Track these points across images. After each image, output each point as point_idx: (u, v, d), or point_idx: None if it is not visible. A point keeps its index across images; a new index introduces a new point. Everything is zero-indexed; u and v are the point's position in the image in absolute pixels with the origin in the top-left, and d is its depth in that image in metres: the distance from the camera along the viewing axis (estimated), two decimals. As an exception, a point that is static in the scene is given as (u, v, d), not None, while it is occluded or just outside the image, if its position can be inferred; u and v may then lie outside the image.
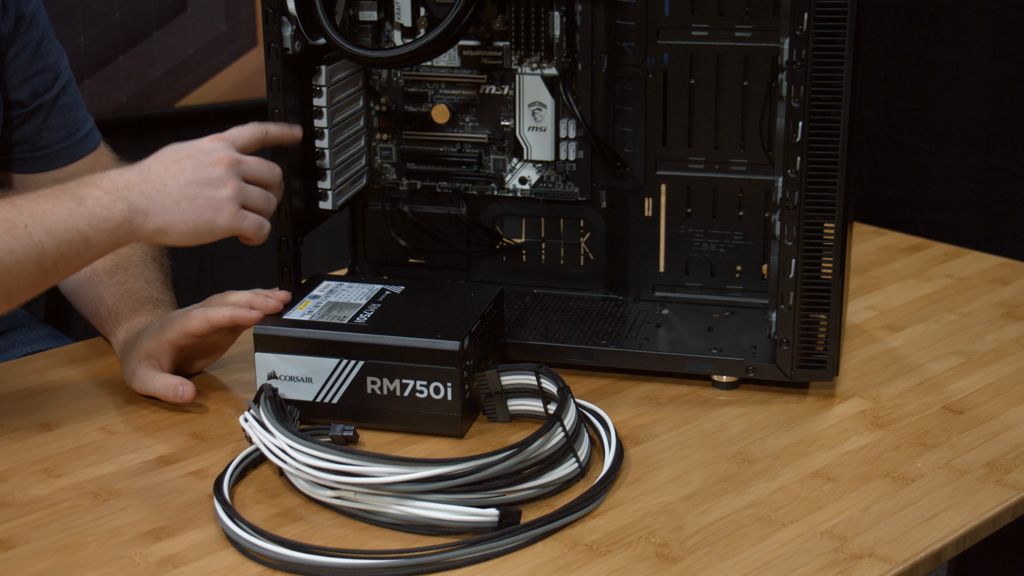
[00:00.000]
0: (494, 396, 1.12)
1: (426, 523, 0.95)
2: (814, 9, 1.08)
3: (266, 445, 1.01)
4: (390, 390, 1.09)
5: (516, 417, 1.13)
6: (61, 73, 1.34)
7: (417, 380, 1.09)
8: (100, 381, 1.22)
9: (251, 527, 0.93)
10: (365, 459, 0.95)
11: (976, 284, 1.45)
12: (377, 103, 1.34)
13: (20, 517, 0.99)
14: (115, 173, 1.09)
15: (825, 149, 1.11)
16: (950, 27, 2.53)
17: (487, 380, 1.11)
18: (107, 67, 2.27)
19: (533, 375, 1.10)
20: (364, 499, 0.96)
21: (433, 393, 1.08)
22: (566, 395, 1.05)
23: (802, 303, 1.15)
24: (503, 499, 0.97)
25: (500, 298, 1.19)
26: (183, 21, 2.33)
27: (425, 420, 1.09)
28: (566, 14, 1.26)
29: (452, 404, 1.09)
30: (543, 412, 1.11)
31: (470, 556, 0.92)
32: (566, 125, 1.29)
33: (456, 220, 1.36)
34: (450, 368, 1.08)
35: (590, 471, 1.04)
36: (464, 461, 0.95)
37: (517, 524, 0.94)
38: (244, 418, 1.05)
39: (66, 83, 1.34)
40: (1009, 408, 1.16)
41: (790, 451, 1.08)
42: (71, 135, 1.34)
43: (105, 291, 1.28)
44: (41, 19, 1.32)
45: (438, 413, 1.09)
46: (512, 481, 0.97)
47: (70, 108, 1.34)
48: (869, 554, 0.93)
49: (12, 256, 1.04)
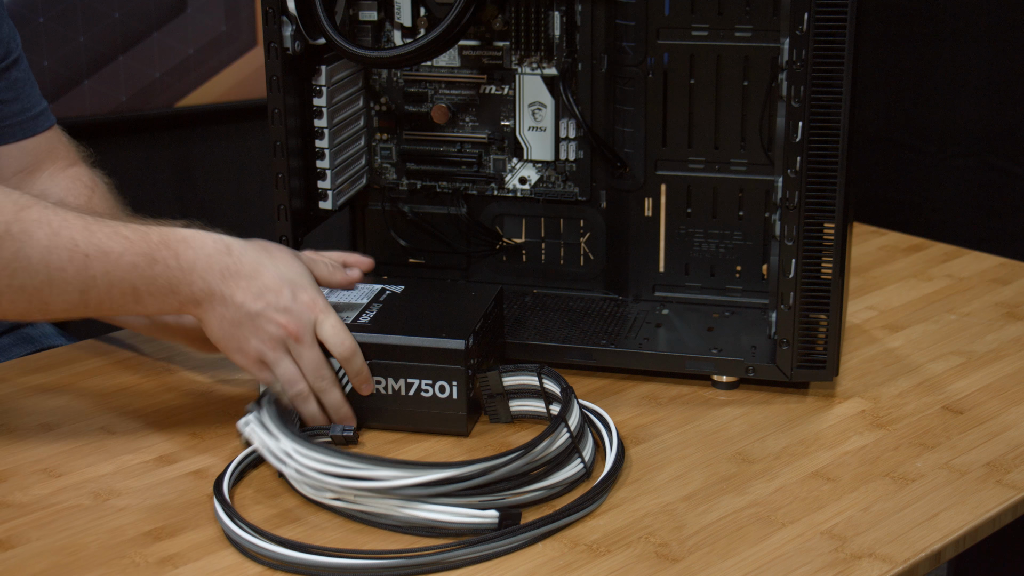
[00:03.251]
0: (496, 397, 1.12)
1: (426, 524, 0.95)
2: (814, 9, 1.08)
3: (269, 449, 1.00)
4: (395, 389, 1.09)
5: (516, 418, 1.13)
6: (13, 49, 1.32)
7: (422, 379, 1.09)
8: (100, 381, 1.22)
9: (251, 527, 0.93)
10: (371, 463, 0.95)
11: (976, 284, 1.45)
12: (377, 103, 1.34)
13: (20, 517, 0.99)
14: (199, 244, 1.04)
15: (825, 149, 1.11)
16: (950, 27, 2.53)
17: (489, 381, 1.11)
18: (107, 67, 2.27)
19: (535, 376, 1.10)
20: (364, 501, 0.96)
21: (438, 392, 1.08)
22: (570, 396, 1.05)
23: (802, 303, 1.15)
24: (509, 501, 0.96)
25: (500, 297, 1.19)
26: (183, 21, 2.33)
27: (430, 419, 1.09)
28: (566, 14, 1.26)
29: (457, 403, 1.09)
30: (545, 413, 1.11)
31: (471, 556, 0.92)
32: (566, 125, 1.29)
33: (456, 220, 1.36)
34: (455, 367, 1.08)
35: (595, 472, 1.04)
36: (471, 464, 0.95)
37: (517, 525, 0.94)
38: (244, 422, 1.05)
39: (17, 58, 1.32)
40: (1009, 408, 1.16)
41: (790, 451, 1.08)
42: (25, 111, 1.32)
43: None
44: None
45: (443, 412, 1.09)
46: (519, 483, 0.97)
47: (23, 84, 1.32)
48: (869, 554, 0.93)
49: (62, 275, 1.00)
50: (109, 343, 1.30)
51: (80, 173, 1.35)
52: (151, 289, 1.03)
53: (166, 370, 1.24)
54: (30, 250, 0.98)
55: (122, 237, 1.02)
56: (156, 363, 1.26)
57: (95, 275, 1.01)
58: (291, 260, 1.09)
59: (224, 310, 1.05)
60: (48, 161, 1.34)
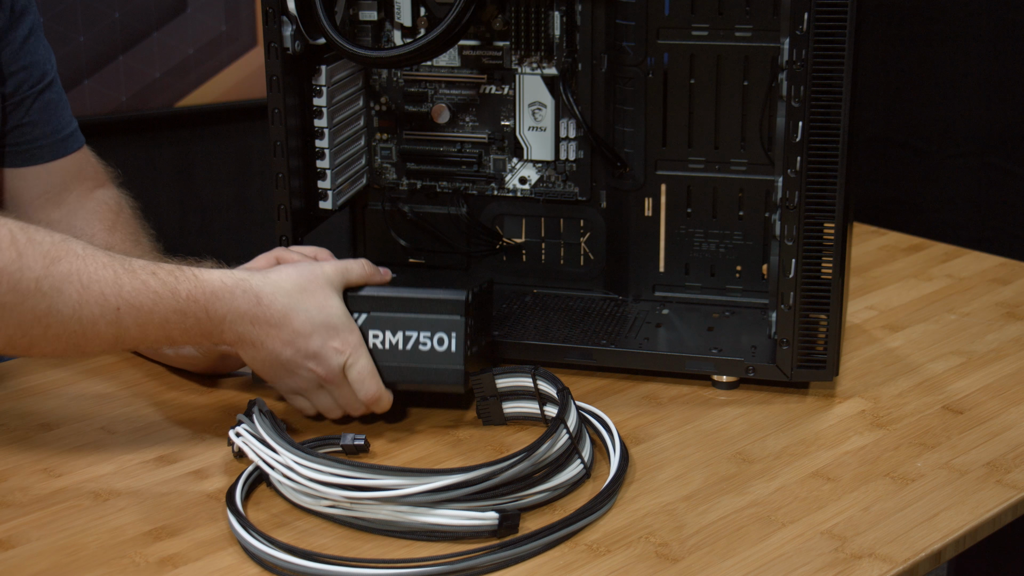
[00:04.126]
0: (489, 399, 1.12)
1: (424, 529, 0.94)
2: (814, 9, 1.08)
3: (266, 461, 0.99)
4: (392, 343, 1.09)
5: (510, 420, 1.13)
6: (48, 71, 1.33)
7: (421, 331, 1.09)
8: (100, 381, 1.22)
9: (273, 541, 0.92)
10: (374, 472, 0.94)
11: (976, 284, 1.45)
12: (377, 103, 1.34)
13: (20, 517, 0.98)
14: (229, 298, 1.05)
15: (825, 149, 1.11)
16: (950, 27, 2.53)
17: (482, 383, 1.11)
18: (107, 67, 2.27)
19: (529, 377, 1.10)
20: (359, 506, 0.95)
21: (437, 345, 1.09)
22: (566, 397, 1.05)
23: (802, 303, 1.15)
24: (514, 505, 0.96)
25: (491, 287, 1.19)
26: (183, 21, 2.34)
27: (427, 374, 1.09)
28: (566, 14, 1.26)
29: (455, 356, 1.09)
30: (539, 414, 1.11)
31: (497, 561, 0.91)
32: (566, 125, 1.29)
33: (456, 220, 1.36)
34: (456, 317, 1.08)
35: (594, 473, 1.04)
36: (474, 469, 0.94)
37: (516, 527, 0.94)
38: (236, 432, 1.05)
39: (51, 80, 1.34)
40: (1009, 408, 1.16)
41: (790, 451, 1.08)
42: (56, 132, 1.34)
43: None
44: (31, 15, 1.31)
45: (441, 366, 1.09)
46: (522, 486, 0.97)
47: (55, 105, 1.34)
48: (869, 554, 0.93)
49: (95, 327, 1.02)
50: (109, 343, 1.30)
51: (107, 196, 1.37)
52: (185, 337, 1.06)
53: (166, 370, 1.24)
54: (61, 306, 1.00)
55: (152, 292, 1.03)
56: (156, 363, 1.26)
57: (128, 326, 1.03)
58: (324, 298, 1.09)
59: (256, 353, 1.07)
60: (76, 182, 1.35)
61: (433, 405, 1.16)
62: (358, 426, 1.12)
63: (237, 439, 1.04)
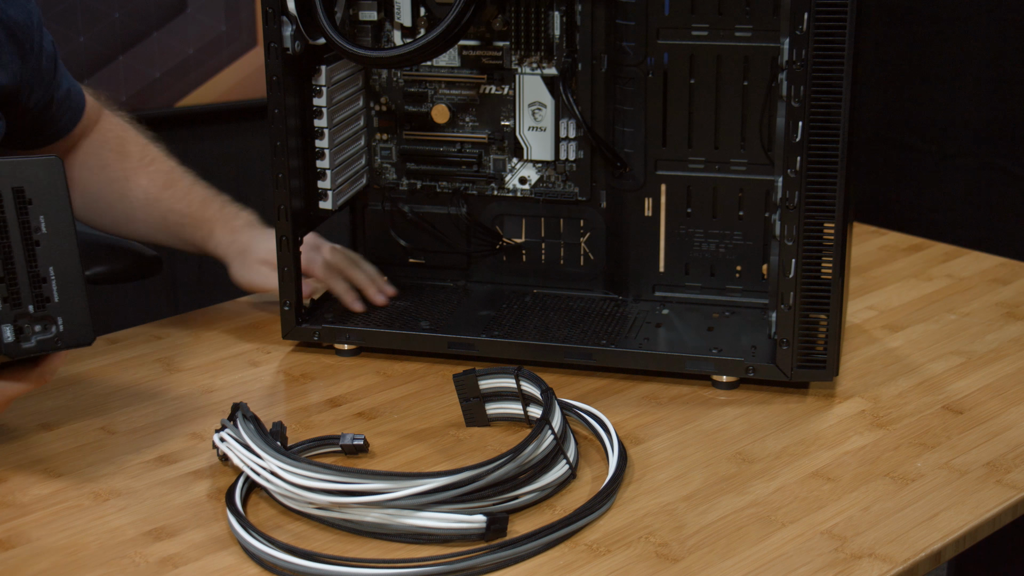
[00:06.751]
0: (472, 400, 1.11)
1: (411, 531, 0.94)
2: (814, 9, 1.08)
3: (250, 467, 0.99)
4: None
5: (493, 421, 1.12)
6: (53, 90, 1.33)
7: None
8: (100, 381, 1.22)
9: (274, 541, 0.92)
10: (360, 477, 0.94)
11: (976, 284, 1.45)
12: (377, 103, 1.34)
13: (20, 517, 0.98)
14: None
15: (825, 149, 1.11)
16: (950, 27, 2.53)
17: (465, 384, 1.11)
18: (107, 67, 2.27)
19: (512, 378, 1.10)
20: (350, 511, 0.95)
21: None
22: (550, 397, 1.04)
23: (802, 303, 1.15)
24: (502, 507, 0.96)
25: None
26: (183, 21, 2.34)
27: None
28: (566, 14, 1.26)
29: None
30: (523, 415, 1.11)
31: (496, 561, 0.91)
32: (566, 125, 1.29)
33: (456, 220, 1.36)
34: None
35: (592, 473, 1.04)
36: (460, 472, 0.94)
37: (504, 530, 0.94)
38: (220, 438, 1.04)
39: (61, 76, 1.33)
40: (1009, 408, 1.16)
41: (790, 451, 1.08)
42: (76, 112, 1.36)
43: (171, 203, 1.38)
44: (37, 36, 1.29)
45: None
46: (510, 487, 0.97)
47: (67, 93, 1.34)
48: (869, 554, 0.93)
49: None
50: (109, 343, 1.30)
51: (109, 125, 1.42)
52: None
53: (166, 370, 1.25)
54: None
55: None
56: (156, 363, 1.26)
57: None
58: None
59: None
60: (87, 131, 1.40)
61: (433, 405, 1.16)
62: (358, 426, 1.12)
63: (221, 444, 1.03)
